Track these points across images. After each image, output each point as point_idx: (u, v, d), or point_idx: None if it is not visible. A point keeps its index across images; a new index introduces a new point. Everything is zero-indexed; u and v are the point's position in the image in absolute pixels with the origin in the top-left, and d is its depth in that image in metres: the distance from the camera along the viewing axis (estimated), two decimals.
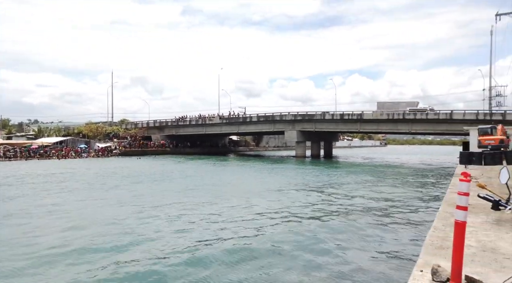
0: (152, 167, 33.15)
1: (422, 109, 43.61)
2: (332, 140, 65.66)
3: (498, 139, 24.13)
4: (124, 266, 6.91)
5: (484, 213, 6.89)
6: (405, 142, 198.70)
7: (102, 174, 26.43)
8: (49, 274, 6.54)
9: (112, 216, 11.37)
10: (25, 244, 8.29)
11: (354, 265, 6.92)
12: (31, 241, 8.62)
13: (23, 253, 7.61)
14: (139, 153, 55.91)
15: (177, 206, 13.22)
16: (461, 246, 3.34)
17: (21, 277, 6.45)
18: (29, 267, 6.87)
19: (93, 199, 14.96)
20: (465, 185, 3.31)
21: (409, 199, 15.16)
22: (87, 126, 66.84)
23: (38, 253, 7.66)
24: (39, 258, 7.34)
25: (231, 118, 60.32)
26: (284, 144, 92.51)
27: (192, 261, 7.17)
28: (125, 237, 8.94)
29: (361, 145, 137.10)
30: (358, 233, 9.43)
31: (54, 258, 7.36)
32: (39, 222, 10.67)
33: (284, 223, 10.57)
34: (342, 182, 21.73)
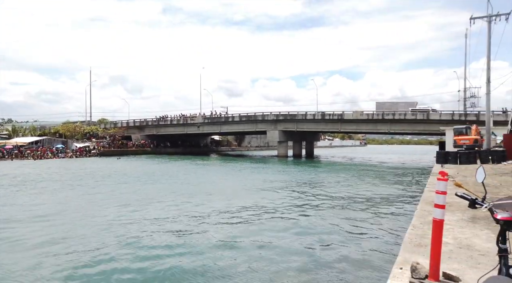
0: (133, 168, 32.57)
1: (423, 110, 43.91)
2: (314, 140, 66.32)
3: (472, 139, 24.98)
4: (91, 267, 6.75)
5: (459, 211, 7.11)
6: (384, 142, 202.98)
7: (80, 174, 25.76)
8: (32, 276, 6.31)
9: (92, 218, 11.10)
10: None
11: (334, 263, 6.99)
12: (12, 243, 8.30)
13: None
14: (119, 153, 54.80)
15: (159, 206, 13.02)
16: (439, 243, 3.43)
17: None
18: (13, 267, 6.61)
19: (70, 201, 14.55)
20: (443, 184, 3.39)
21: (388, 197, 15.48)
22: (64, 125, 64.94)
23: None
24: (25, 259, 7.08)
25: (213, 118, 60.00)
26: (266, 144, 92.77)
27: (171, 259, 7.08)
28: (103, 238, 8.73)
29: (342, 145, 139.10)
30: (338, 231, 9.54)
31: (39, 259, 7.12)
32: (21, 227, 10.29)
33: (264, 221, 10.58)
34: (323, 181, 21.96)
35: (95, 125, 68.04)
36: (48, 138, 56.38)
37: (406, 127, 45.77)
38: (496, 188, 9.91)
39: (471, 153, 21.11)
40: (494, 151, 20.96)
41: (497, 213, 2.11)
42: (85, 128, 64.13)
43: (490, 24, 25.81)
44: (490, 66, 26.15)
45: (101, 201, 14.49)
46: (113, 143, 59.57)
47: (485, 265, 3.96)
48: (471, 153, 20.99)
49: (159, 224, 10.27)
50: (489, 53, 26.16)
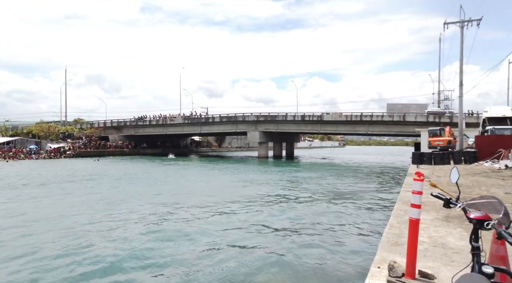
0: (114, 169, 31.78)
1: (441, 111, 42.99)
2: (294, 141, 66.85)
3: (446, 140, 25.82)
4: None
5: (434, 210, 7.32)
6: (362, 143, 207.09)
7: (54, 177, 24.96)
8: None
9: (68, 221, 10.75)
10: None
11: (313, 262, 7.05)
12: None
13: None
14: (96, 154, 53.45)
15: (141, 208, 12.77)
16: (415, 242, 3.51)
17: None
18: None
19: (43, 205, 14.06)
20: (419, 184, 3.48)
21: (366, 197, 15.77)
22: (38, 125, 62.74)
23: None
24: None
25: (193, 118, 59.47)
26: (247, 145, 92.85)
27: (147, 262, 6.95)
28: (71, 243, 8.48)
29: (321, 146, 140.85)
30: (317, 231, 9.64)
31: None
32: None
33: (243, 220, 10.56)
34: (303, 181, 22.15)
35: (70, 125, 66.14)
36: (21, 138, 54.36)
37: (383, 128, 46.84)
38: (469, 188, 10.27)
39: (445, 154, 21.80)
40: (467, 152, 21.72)
41: (470, 212, 2.18)
42: (60, 128, 62.23)
43: (462, 29, 26.76)
44: (463, 70, 27.12)
45: (77, 205, 14.08)
46: (90, 144, 58.06)
47: (459, 262, 4.09)
48: (445, 154, 21.68)
49: (135, 227, 10.07)
50: (461, 57, 27.13)
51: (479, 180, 12.27)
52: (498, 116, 24.01)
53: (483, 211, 2.18)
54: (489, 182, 11.85)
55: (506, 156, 18.44)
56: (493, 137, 21.47)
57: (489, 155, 19.55)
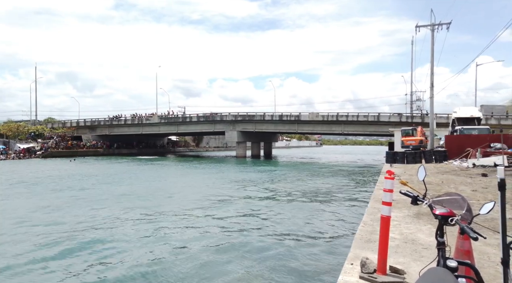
0: (90, 170, 30.84)
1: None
2: (272, 141, 67.21)
3: (418, 140, 26.70)
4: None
5: (406, 207, 7.55)
6: (338, 142, 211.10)
7: (31, 178, 23.97)
8: None
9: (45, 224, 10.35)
10: None
11: (287, 260, 7.11)
12: None
13: None
14: (68, 155, 51.78)
15: (123, 210, 12.47)
16: (386, 239, 3.61)
17: None
18: None
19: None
20: (390, 182, 3.58)
21: (341, 195, 16.06)
22: (6, 125, 60.06)
23: None
24: None
25: (170, 118, 58.64)
26: (225, 145, 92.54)
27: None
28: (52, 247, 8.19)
29: (299, 146, 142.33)
30: (292, 229, 9.72)
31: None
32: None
33: (219, 218, 10.52)
34: (280, 180, 22.30)
35: (41, 124, 63.74)
36: None
37: (358, 128, 47.85)
38: (439, 186, 10.65)
39: (417, 153, 22.53)
40: (437, 151, 22.52)
41: (435, 208, 2.27)
42: (29, 127, 59.85)
43: (433, 32, 27.75)
44: (434, 72, 28.12)
45: (49, 207, 13.59)
46: (62, 144, 56.14)
47: (428, 257, 4.23)
48: (417, 153, 22.40)
49: (111, 228, 9.83)
50: (432, 59, 28.11)
51: (449, 178, 12.75)
52: (466, 116, 25.06)
53: (447, 207, 2.27)
54: (458, 180, 12.34)
55: (473, 155, 19.25)
56: (462, 136, 22.37)
57: (458, 154, 20.35)
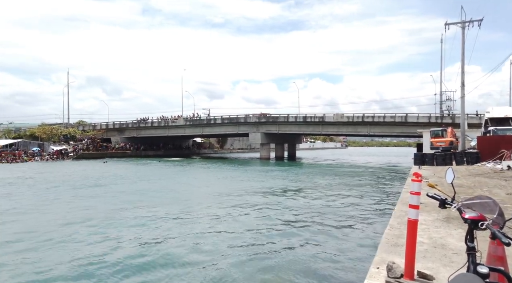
0: (124, 171, 31.76)
1: None
2: (296, 142, 66.84)
3: (448, 141, 25.74)
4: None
5: (435, 211, 7.30)
6: (364, 144, 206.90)
7: (73, 178, 25.06)
8: None
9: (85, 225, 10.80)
10: None
11: (313, 262, 7.05)
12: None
13: None
14: (98, 156, 53.64)
15: (159, 209, 12.82)
16: (413, 243, 3.52)
17: None
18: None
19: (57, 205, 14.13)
20: (417, 185, 3.49)
21: (368, 198, 15.74)
22: (40, 127, 63.03)
23: None
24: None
25: (195, 120, 59.54)
26: (249, 146, 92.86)
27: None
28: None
29: (323, 147, 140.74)
30: (318, 231, 9.63)
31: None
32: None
33: (245, 221, 10.57)
34: (305, 182, 22.14)
35: (73, 127, 66.39)
36: (24, 140, 54.55)
37: (385, 129, 46.76)
38: (470, 189, 10.24)
39: (447, 155, 21.73)
40: (469, 153, 21.64)
41: (465, 212, 2.19)
42: (62, 130, 62.45)
43: (464, 29, 26.72)
44: (464, 70, 27.07)
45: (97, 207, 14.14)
46: (92, 146, 58.21)
47: (458, 263, 4.08)
48: (447, 155, 21.61)
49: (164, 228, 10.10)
50: (463, 57, 27.07)
51: (481, 181, 12.23)
52: (500, 116, 23.93)
53: (478, 211, 2.19)
54: (491, 183, 11.82)
55: (508, 156, 18.37)
56: (495, 137, 21.39)
57: (491, 156, 19.48)
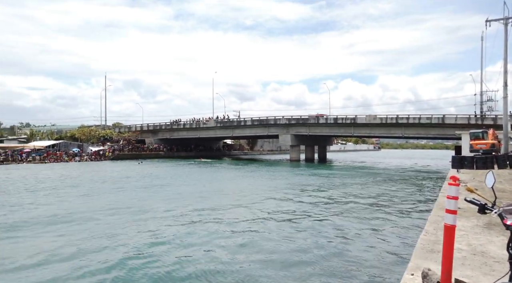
0: (159, 171, 32.75)
1: None
2: (326, 144, 65.91)
3: (489, 144, 24.40)
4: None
5: (475, 217, 6.96)
6: (398, 146, 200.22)
7: (114, 178, 26.24)
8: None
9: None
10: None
11: (345, 267, 6.93)
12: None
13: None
14: (133, 157, 55.58)
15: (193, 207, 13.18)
16: (450, 249, 3.38)
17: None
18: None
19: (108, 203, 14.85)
20: (454, 189, 3.35)
21: (402, 203, 15.24)
22: (80, 129, 66.32)
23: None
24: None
25: (225, 122, 60.27)
26: (279, 148, 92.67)
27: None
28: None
29: (355, 149, 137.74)
30: (351, 234, 9.45)
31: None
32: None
33: (280, 222, 10.56)
34: (336, 185, 21.78)
35: (110, 129, 69.22)
36: (65, 141, 57.57)
37: (420, 131, 45.07)
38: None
39: (488, 158, 20.62)
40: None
41: (506, 218, 2.08)
42: (100, 132, 65.29)
43: (506, 26, 25.32)
44: (507, 69, 25.61)
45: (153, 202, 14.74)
46: (128, 147, 60.37)
47: (500, 272, 3.87)
48: (488, 158, 20.50)
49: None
50: (506, 56, 25.63)
51: None
52: None
53: None
54: None
55: None
56: None
57: None
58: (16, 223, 11.10)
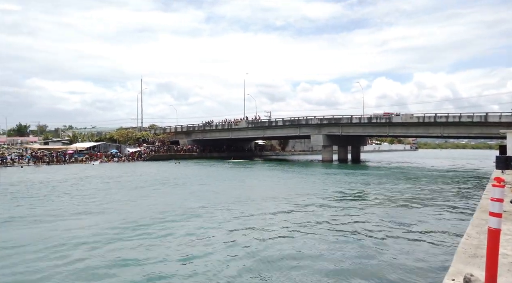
0: (196, 171, 33.69)
1: None
2: (360, 144, 64.40)
3: None
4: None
5: None
6: (437, 146, 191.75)
7: (157, 178, 27.26)
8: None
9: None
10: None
11: (382, 273, 6.74)
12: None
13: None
14: (167, 158, 57.19)
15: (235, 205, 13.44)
16: (495, 254, 3.21)
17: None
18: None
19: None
20: (498, 190, 3.18)
21: (442, 204, 14.60)
22: (118, 131, 69.23)
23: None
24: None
25: (256, 123, 60.53)
26: (310, 148, 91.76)
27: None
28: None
29: (391, 149, 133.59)
30: (388, 237, 9.18)
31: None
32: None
33: (317, 223, 10.47)
34: (372, 186, 21.24)
35: (146, 130, 71.68)
36: (104, 143, 60.33)
37: (461, 130, 42.90)
38: None
39: None
40: None
41: None
42: (136, 133, 67.76)
43: None
44: None
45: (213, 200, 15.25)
46: (163, 148, 62.18)
47: None
48: None
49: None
50: None
51: None
52: None
53: None
54: None
55: None
56: None
57: None
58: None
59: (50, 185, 22.28)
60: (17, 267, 7.14)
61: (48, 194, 17.96)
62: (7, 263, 7.41)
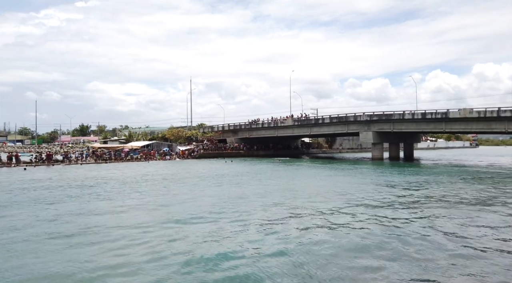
0: (247, 169, 34.69)
1: None
2: (413, 141, 61.18)
3: None
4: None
5: None
6: (500, 142, 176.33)
7: (219, 175, 28.36)
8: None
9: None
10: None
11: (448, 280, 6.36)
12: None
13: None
14: (215, 156, 58.62)
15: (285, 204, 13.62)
16: None
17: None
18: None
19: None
20: None
21: (509, 212, 13.41)
22: (169, 130, 72.31)
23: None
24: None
25: (303, 120, 59.91)
26: (359, 146, 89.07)
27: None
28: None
29: (447, 147, 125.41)
30: (445, 247, 8.64)
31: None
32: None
33: (368, 225, 10.17)
34: (425, 185, 20.06)
35: (195, 129, 74.11)
36: (157, 142, 63.35)
37: None
38: None
39: None
40: None
41: None
42: (186, 132, 70.30)
43: None
44: None
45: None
46: (212, 146, 63.89)
47: None
48: None
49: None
50: None
51: None
52: None
53: None
54: None
55: None
56: None
57: None
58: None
59: (121, 181, 24.07)
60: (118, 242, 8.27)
61: (136, 187, 20.41)
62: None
